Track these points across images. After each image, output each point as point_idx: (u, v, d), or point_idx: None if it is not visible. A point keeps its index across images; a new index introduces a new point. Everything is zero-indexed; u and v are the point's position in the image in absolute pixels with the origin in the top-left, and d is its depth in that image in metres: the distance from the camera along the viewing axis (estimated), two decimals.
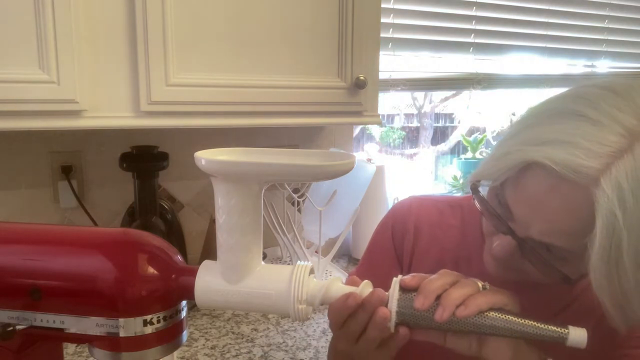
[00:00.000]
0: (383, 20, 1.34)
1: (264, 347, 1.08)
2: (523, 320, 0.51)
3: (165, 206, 1.33)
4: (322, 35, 1.15)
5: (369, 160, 1.57)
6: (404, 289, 0.54)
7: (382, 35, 1.24)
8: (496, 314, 0.51)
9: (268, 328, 1.17)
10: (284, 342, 1.10)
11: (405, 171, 2.45)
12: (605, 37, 2.01)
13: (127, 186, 1.28)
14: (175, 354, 0.58)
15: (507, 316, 0.51)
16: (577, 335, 0.50)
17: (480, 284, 0.53)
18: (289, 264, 1.04)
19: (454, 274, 0.54)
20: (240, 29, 1.08)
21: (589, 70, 2.07)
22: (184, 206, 1.46)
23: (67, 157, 1.32)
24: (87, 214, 1.32)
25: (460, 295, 0.51)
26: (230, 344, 1.09)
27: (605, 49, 2.03)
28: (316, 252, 1.35)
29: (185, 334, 0.57)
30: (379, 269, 0.79)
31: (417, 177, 2.38)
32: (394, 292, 0.54)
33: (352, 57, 1.18)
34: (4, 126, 0.96)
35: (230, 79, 1.09)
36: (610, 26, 2.00)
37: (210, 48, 1.07)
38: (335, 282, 0.57)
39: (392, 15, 1.61)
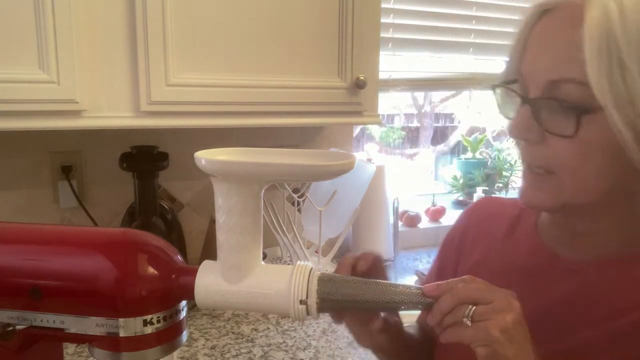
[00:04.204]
0: (383, 20, 1.34)
1: (264, 347, 1.08)
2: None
3: (165, 206, 1.33)
4: (322, 35, 1.15)
5: (369, 160, 1.57)
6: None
7: (382, 35, 1.24)
8: (406, 288, 0.55)
9: (268, 328, 1.17)
10: (284, 342, 1.10)
11: (405, 171, 2.45)
12: None
13: (127, 186, 1.28)
14: (175, 354, 0.58)
15: (416, 288, 0.55)
16: None
17: None
18: (289, 264, 1.04)
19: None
20: (240, 29, 1.09)
21: None
22: (184, 206, 1.46)
23: (67, 157, 1.32)
24: (87, 214, 1.32)
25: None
26: (230, 344, 1.09)
27: None
28: (316, 252, 1.35)
29: (185, 334, 0.57)
30: (444, 262, 0.80)
31: (417, 177, 2.38)
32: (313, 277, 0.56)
33: (352, 57, 1.18)
34: (4, 126, 0.96)
35: (230, 79, 1.09)
36: None
37: (210, 48, 1.07)
38: None
39: (392, 15, 1.61)
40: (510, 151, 2.14)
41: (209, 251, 1.37)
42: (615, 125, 0.49)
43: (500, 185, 2.02)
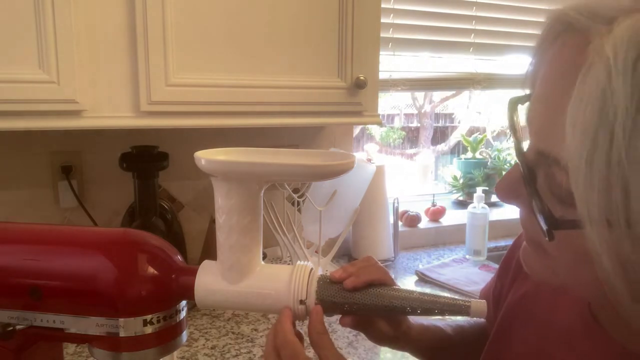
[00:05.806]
0: (383, 20, 1.34)
1: (264, 347, 1.08)
2: (432, 296, 0.55)
3: (165, 206, 1.33)
4: (322, 35, 1.15)
5: (369, 160, 1.57)
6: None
7: (382, 35, 1.24)
8: (407, 293, 0.55)
9: (268, 328, 1.17)
10: None
11: (405, 171, 2.45)
12: None
13: (127, 186, 1.28)
14: (175, 354, 0.58)
15: (417, 294, 0.55)
16: (479, 306, 0.54)
17: None
18: (289, 264, 1.04)
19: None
20: (240, 29, 1.09)
21: None
22: (184, 206, 1.46)
23: (67, 157, 1.32)
24: (87, 214, 1.32)
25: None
26: (230, 344, 1.09)
27: None
28: (316, 252, 1.35)
29: (185, 334, 0.57)
30: (504, 274, 0.70)
31: (417, 177, 2.38)
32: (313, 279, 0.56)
33: (352, 57, 1.18)
34: (4, 126, 0.96)
35: (230, 79, 1.09)
36: None
37: (210, 48, 1.07)
38: None
39: (392, 15, 1.61)
40: (510, 151, 2.15)
41: (209, 251, 1.37)
42: (595, 247, 0.33)
43: None
